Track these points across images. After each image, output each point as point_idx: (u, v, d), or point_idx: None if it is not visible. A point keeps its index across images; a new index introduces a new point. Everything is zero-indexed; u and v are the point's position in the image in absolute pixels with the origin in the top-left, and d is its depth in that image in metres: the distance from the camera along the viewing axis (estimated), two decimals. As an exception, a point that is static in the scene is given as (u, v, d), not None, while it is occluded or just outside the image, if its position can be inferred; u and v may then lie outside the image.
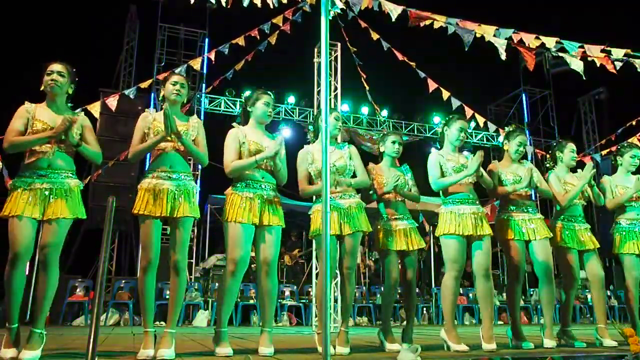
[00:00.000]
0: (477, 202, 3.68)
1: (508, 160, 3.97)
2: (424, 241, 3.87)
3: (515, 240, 3.74)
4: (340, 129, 3.72)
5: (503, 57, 3.20)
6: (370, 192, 3.80)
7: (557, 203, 4.05)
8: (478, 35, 3.29)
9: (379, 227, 3.74)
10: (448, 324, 3.49)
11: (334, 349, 3.25)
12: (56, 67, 3.03)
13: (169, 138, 3.07)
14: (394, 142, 3.85)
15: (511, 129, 4.05)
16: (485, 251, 3.56)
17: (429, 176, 3.70)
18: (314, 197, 3.59)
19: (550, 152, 4.34)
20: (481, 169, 3.63)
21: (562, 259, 3.97)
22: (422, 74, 5.51)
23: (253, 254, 3.32)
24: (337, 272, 3.78)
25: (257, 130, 3.36)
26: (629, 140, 4.99)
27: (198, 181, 10.02)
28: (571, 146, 4.18)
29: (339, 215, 3.42)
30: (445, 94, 5.58)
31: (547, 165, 4.32)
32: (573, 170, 4.23)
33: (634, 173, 4.28)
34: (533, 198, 4.06)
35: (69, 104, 3.16)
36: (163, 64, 11.14)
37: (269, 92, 3.41)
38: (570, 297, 3.99)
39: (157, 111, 3.25)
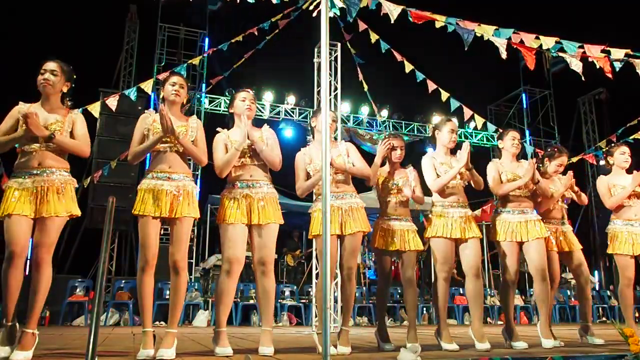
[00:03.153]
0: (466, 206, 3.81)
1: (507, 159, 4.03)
2: (423, 242, 3.87)
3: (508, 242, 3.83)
4: (334, 129, 3.70)
5: (504, 55, 3.20)
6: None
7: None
8: (478, 35, 3.29)
9: (376, 226, 3.77)
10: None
11: (336, 348, 3.26)
12: (49, 65, 3.03)
13: (167, 139, 3.07)
14: (394, 149, 3.85)
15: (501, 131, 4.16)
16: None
17: (426, 179, 3.80)
18: (314, 197, 3.59)
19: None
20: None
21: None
22: (422, 75, 5.50)
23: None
24: (337, 272, 3.78)
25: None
26: (632, 137, 5.00)
27: (198, 181, 10.01)
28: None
29: (339, 215, 3.43)
30: (445, 95, 5.57)
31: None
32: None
33: (628, 171, 4.26)
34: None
35: (69, 102, 3.16)
36: (163, 64, 11.14)
37: (246, 90, 3.42)
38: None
39: (156, 112, 3.25)
